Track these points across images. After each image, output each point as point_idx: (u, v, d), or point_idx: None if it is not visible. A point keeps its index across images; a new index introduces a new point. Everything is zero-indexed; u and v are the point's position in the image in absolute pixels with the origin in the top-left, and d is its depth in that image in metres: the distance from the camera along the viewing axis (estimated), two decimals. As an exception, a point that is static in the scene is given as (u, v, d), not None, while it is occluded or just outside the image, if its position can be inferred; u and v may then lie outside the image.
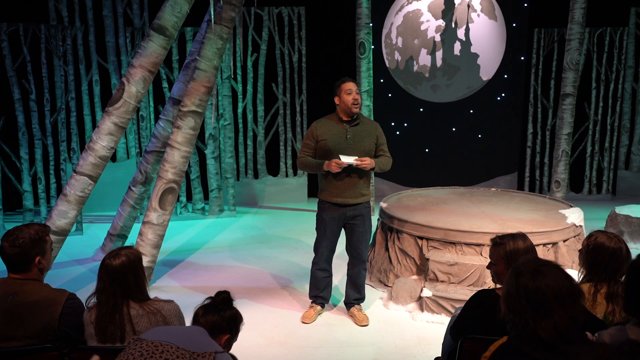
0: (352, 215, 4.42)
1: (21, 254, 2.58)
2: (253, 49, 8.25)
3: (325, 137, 4.32)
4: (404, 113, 9.01)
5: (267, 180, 8.61)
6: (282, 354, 4.11)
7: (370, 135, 4.39)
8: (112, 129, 5.12)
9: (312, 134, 4.39)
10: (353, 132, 4.34)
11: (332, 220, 4.43)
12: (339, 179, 4.31)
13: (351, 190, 4.34)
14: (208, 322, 2.25)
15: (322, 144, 4.34)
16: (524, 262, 1.94)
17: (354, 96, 4.27)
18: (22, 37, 6.93)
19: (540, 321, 1.80)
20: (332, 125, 4.36)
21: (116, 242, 6.08)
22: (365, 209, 4.47)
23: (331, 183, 4.35)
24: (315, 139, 4.37)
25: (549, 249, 4.82)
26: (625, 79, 8.66)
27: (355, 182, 4.33)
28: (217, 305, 2.31)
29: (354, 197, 4.37)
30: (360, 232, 4.48)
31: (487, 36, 8.77)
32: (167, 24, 5.12)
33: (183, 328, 2.25)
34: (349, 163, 4.19)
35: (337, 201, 4.37)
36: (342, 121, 4.36)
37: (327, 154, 4.32)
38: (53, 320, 2.52)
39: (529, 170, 9.00)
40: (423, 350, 4.13)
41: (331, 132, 4.33)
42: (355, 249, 4.53)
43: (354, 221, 4.44)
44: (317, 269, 4.62)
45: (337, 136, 4.32)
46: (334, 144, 4.30)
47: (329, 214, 4.43)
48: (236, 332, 2.35)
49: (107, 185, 7.39)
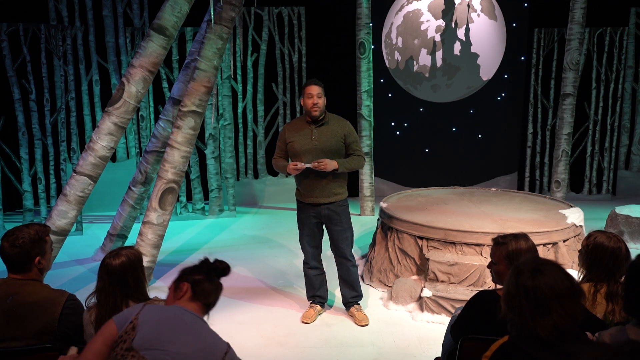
0: (327, 214, 4.44)
1: (21, 254, 2.57)
2: (253, 49, 8.25)
3: (293, 139, 4.39)
4: (404, 113, 9.01)
5: (267, 181, 8.61)
6: (282, 354, 4.11)
7: (337, 134, 4.39)
8: (112, 129, 5.12)
9: (282, 136, 4.49)
10: (319, 133, 4.36)
11: (307, 218, 4.49)
12: (307, 180, 4.37)
13: (320, 190, 4.37)
14: (205, 292, 2.23)
15: (290, 146, 4.42)
16: (525, 262, 1.94)
17: (314, 100, 4.31)
18: (22, 37, 6.93)
19: (539, 319, 1.81)
20: (300, 126, 4.43)
21: (116, 242, 6.08)
22: (340, 207, 4.47)
23: (302, 183, 4.43)
24: (284, 140, 4.46)
25: (549, 249, 4.82)
26: (625, 79, 8.66)
27: (323, 181, 4.35)
28: (214, 273, 2.29)
29: (325, 196, 4.39)
30: (338, 231, 4.49)
31: (487, 36, 8.77)
32: (167, 24, 5.12)
33: (189, 325, 2.12)
34: (307, 166, 4.25)
35: (308, 201, 4.43)
36: (308, 122, 4.40)
37: (295, 155, 4.39)
38: (53, 320, 2.52)
39: (529, 170, 9.00)
40: (423, 351, 4.13)
41: (298, 134, 4.39)
42: (337, 248, 4.56)
43: (330, 220, 4.47)
44: (307, 268, 4.66)
45: (303, 137, 4.37)
46: (300, 145, 4.36)
47: (304, 213, 4.51)
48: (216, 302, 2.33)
49: (107, 185, 7.38)
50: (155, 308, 2.14)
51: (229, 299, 5.04)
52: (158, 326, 2.06)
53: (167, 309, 2.16)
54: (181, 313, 2.14)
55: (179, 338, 2.04)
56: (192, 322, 2.11)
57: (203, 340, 2.07)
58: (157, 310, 2.13)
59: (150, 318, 2.08)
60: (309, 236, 4.56)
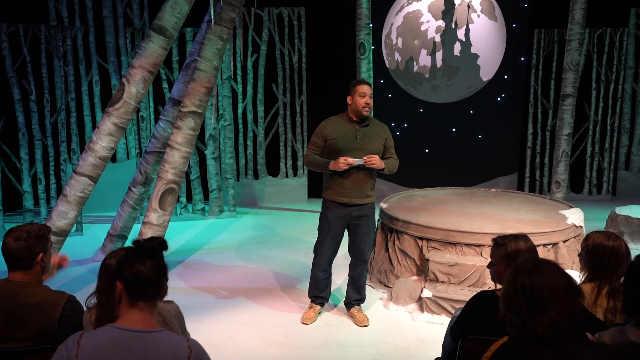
0: (357, 215, 4.41)
1: (26, 247, 2.56)
2: (253, 49, 8.26)
3: (335, 136, 4.31)
4: (404, 113, 9.01)
5: (267, 181, 8.61)
6: (282, 354, 4.11)
7: (380, 137, 4.39)
8: (112, 130, 5.12)
9: (321, 133, 4.36)
10: (363, 133, 4.33)
11: (336, 219, 4.41)
12: (346, 179, 4.30)
13: (357, 191, 4.34)
14: (142, 285, 1.96)
15: (330, 143, 4.32)
16: (523, 261, 1.95)
17: (367, 100, 4.27)
18: (22, 38, 6.92)
19: (537, 318, 1.81)
20: (342, 125, 4.35)
21: (116, 243, 6.07)
22: (370, 209, 4.47)
23: (337, 182, 4.33)
24: (324, 137, 4.34)
25: (549, 249, 4.82)
26: (625, 80, 8.66)
27: (362, 182, 4.33)
28: (145, 256, 2.00)
29: (360, 197, 4.36)
30: (364, 233, 4.47)
31: (487, 37, 8.77)
32: (167, 24, 5.12)
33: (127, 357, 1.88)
34: (358, 163, 4.21)
35: (342, 201, 4.35)
36: (352, 121, 4.35)
37: (335, 153, 4.30)
38: (52, 322, 2.52)
39: (529, 170, 9.00)
40: (423, 351, 4.13)
41: (341, 132, 4.32)
42: (358, 249, 4.52)
43: (359, 221, 4.43)
44: (318, 271, 4.58)
45: (346, 136, 4.31)
46: (343, 144, 4.29)
47: (334, 213, 4.40)
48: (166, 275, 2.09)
49: (107, 185, 7.38)
50: (94, 340, 1.92)
51: (229, 299, 5.04)
52: (100, 354, 1.88)
53: (105, 339, 1.91)
54: (122, 339, 1.90)
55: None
56: (139, 345, 1.90)
57: (158, 355, 1.90)
58: (96, 342, 1.91)
59: (90, 349, 1.89)
60: (332, 239, 4.48)
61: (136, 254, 2.01)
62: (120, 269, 2.00)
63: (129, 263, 1.99)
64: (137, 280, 1.97)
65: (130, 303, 1.98)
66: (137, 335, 1.92)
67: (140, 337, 1.92)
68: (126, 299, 1.99)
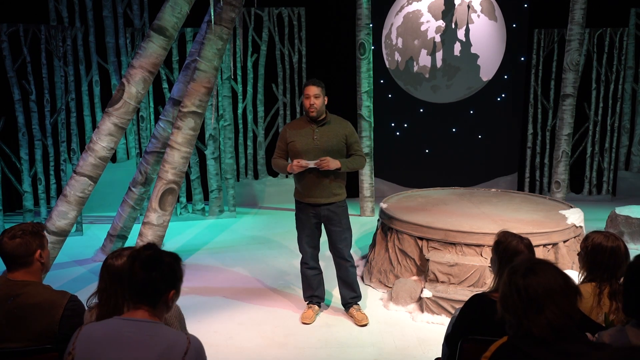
0: (326, 215, 4.44)
1: (23, 244, 2.56)
2: (253, 49, 8.26)
3: (294, 139, 4.38)
4: (404, 114, 9.01)
5: (267, 181, 8.61)
6: (282, 354, 4.11)
7: (338, 135, 4.39)
8: (112, 130, 5.12)
9: (282, 136, 4.48)
10: (320, 132, 4.36)
11: (307, 219, 4.49)
12: (307, 179, 4.36)
13: (321, 190, 4.37)
14: (144, 283, 2.04)
15: (291, 146, 4.41)
16: (519, 262, 1.95)
17: (311, 100, 4.30)
18: (22, 38, 6.93)
19: (533, 318, 1.81)
20: (301, 126, 4.43)
21: (116, 243, 6.08)
22: (339, 207, 4.47)
23: (301, 184, 4.42)
24: (285, 140, 4.45)
25: (549, 249, 4.82)
26: (625, 80, 8.66)
27: (323, 181, 4.35)
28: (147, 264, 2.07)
29: (325, 196, 4.39)
30: (337, 232, 4.49)
31: (487, 37, 8.77)
32: (167, 24, 5.13)
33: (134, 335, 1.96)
34: (311, 165, 4.23)
35: (308, 201, 4.43)
36: (309, 122, 4.39)
37: (296, 155, 4.37)
38: (54, 322, 2.52)
39: (529, 170, 9.00)
40: (423, 351, 4.13)
41: (299, 133, 4.39)
42: (335, 248, 4.56)
43: (330, 221, 4.47)
44: (306, 268, 4.66)
45: (304, 137, 4.37)
46: (301, 145, 4.35)
47: (303, 213, 4.51)
48: (179, 281, 2.18)
49: (107, 185, 7.38)
50: (92, 329, 2.02)
51: (229, 300, 5.04)
52: (94, 345, 1.95)
53: (105, 328, 2.01)
54: (120, 327, 1.99)
55: (122, 353, 1.92)
56: (137, 329, 1.97)
57: (153, 347, 1.94)
58: (95, 330, 2.01)
59: (88, 345, 1.96)
60: (308, 236, 4.57)
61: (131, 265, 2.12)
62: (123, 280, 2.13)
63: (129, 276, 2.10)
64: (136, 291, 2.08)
65: (135, 304, 2.08)
66: (135, 324, 2.00)
67: (138, 325, 1.99)
68: (132, 302, 2.10)
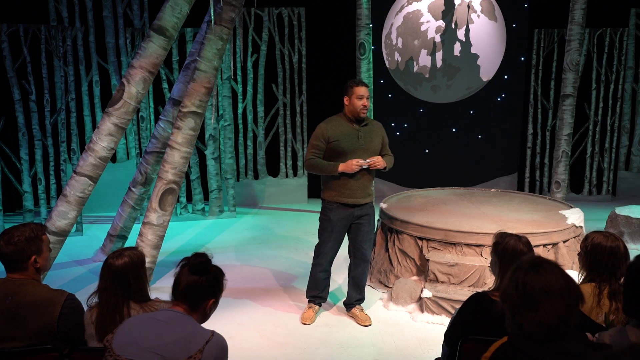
0: (359, 214, 4.43)
1: (16, 252, 2.57)
2: (253, 49, 8.26)
3: (338, 138, 4.28)
4: (404, 114, 9.01)
5: (267, 181, 8.61)
6: (282, 354, 4.11)
7: (378, 135, 4.44)
8: (112, 130, 5.12)
9: (322, 135, 4.30)
10: (364, 132, 4.34)
11: (340, 220, 4.40)
12: (353, 180, 4.30)
13: (361, 190, 4.37)
14: (190, 284, 2.19)
15: (333, 145, 4.29)
16: (525, 259, 1.95)
17: (365, 102, 4.25)
18: (22, 38, 6.93)
19: (526, 313, 1.81)
20: (343, 126, 4.33)
21: (116, 243, 6.08)
22: (370, 208, 4.51)
23: (341, 183, 4.31)
24: (326, 139, 4.29)
25: (549, 249, 4.82)
26: (625, 80, 8.66)
27: (366, 182, 4.38)
28: (196, 269, 2.23)
29: (363, 197, 4.39)
30: (365, 232, 4.48)
31: (487, 37, 8.77)
32: (167, 24, 5.13)
33: (165, 321, 2.14)
34: (367, 164, 4.24)
35: (347, 202, 4.35)
36: (351, 121, 4.34)
37: (338, 155, 4.28)
38: (52, 320, 2.52)
39: (529, 171, 9.00)
40: (423, 351, 4.13)
41: (343, 133, 4.30)
42: (359, 249, 4.52)
43: (361, 220, 4.45)
44: (319, 272, 4.58)
45: (349, 137, 4.30)
46: (347, 145, 4.28)
47: (337, 215, 4.38)
48: (220, 292, 2.32)
49: (107, 186, 7.38)
50: (136, 317, 2.25)
51: (229, 300, 5.03)
52: (131, 327, 2.13)
53: (145, 314, 2.26)
54: (155, 313, 2.21)
55: (152, 333, 2.08)
56: (169, 318, 2.14)
57: (179, 331, 2.09)
58: (136, 317, 2.23)
59: (125, 324, 2.17)
60: (335, 240, 4.48)
61: (181, 269, 2.28)
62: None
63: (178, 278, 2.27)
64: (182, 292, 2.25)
65: (175, 302, 2.25)
66: (168, 313, 2.16)
67: (171, 314, 2.15)
68: (177, 301, 2.26)
